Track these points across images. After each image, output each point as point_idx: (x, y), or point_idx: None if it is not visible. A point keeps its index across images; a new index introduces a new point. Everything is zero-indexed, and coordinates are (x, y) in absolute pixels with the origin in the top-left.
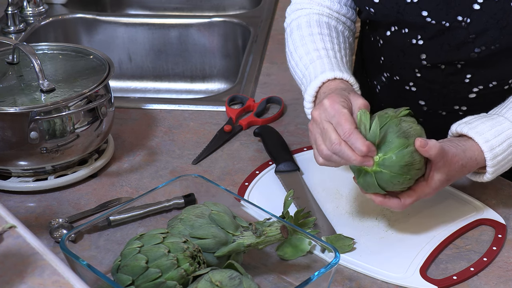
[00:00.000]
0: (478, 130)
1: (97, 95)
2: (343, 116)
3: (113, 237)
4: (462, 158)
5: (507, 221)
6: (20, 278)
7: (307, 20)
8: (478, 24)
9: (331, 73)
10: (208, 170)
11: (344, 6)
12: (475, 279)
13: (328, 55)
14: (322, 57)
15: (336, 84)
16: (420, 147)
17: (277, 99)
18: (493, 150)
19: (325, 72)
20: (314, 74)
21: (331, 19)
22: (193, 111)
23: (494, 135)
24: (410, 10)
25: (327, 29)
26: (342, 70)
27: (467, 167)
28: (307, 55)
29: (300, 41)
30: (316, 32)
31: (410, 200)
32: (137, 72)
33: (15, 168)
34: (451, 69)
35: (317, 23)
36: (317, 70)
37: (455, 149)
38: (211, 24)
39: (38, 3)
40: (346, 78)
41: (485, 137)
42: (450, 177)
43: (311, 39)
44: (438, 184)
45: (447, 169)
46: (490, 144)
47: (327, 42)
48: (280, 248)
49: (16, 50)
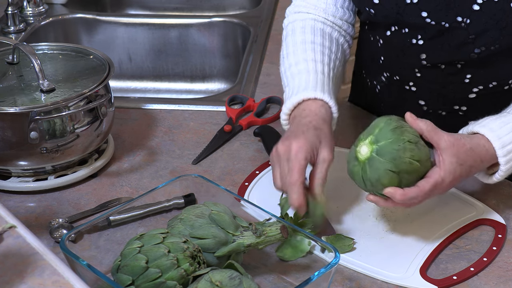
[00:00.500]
0: (483, 124)
1: (97, 95)
2: (298, 166)
3: (113, 237)
4: (468, 142)
5: (507, 221)
6: (20, 278)
7: (302, 25)
8: (477, 25)
9: (312, 93)
10: (208, 170)
11: (340, 8)
12: (475, 279)
13: (315, 69)
14: (310, 71)
15: (317, 109)
16: (410, 118)
17: (277, 99)
18: (501, 139)
19: (307, 90)
20: (297, 89)
21: (326, 26)
22: (193, 111)
23: (500, 126)
24: (410, 11)
25: (321, 36)
26: (324, 90)
27: (476, 151)
28: (296, 65)
29: (292, 47)
30: (309, 40)
31: (428, 185)
32: (137, 72)
33: (15, 168)
34: (451, 69)
35: (311, 29)
36: (301, 85)
37: (458, 135)
38: (211, 24)
39: (38, 3)
40: (326, 100)
41: (490, 127)
42: (461, 160)
43: (303, 48)
44: (451, 167)
45: (455, 150)
46: (497, 134)
47: (318, 53)
48: (279, 249)
49: (16, 50)
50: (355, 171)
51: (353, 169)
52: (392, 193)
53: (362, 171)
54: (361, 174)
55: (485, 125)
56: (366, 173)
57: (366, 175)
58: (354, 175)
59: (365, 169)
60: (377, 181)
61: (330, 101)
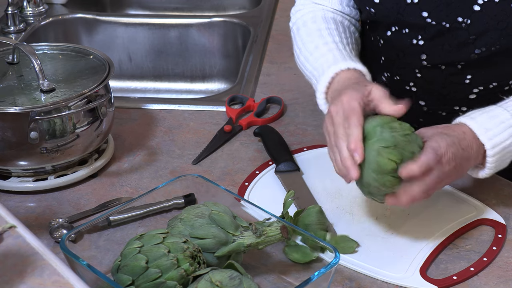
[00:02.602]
0: (471, 116)
1: (97, 95)
2: (353, 111)
3: (113, 237)
4: (453, 131)
5: (507, 221)
6: (20, 278)
7: (312, 16)
8: (478, 26)
9: (344, 64)
10: (208, 170)
11: (346, 7)
12: (475, 279)
13: (338, 47)
14: (333, 49)
15: (350, 75)
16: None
17: (277, 99)
18: (488, 132)
19: (338, 62)
20: (327, 65)
21: (337, 15)
22: (193, 111)
23: (487, 119)
24: (410, 11)
25: (334, 23)
26: (354, 61)
27: (461, 139)
28: (317, 49)
29: (308, 37)
30: (323, 27)
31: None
32: (137, 72)
33: (15, 168)
34: (451, 70)
35: (323, 19)
36: (330, 61)
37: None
38: (211, 24)
39: (38, 3)
40: (359, 68)
41: (477, 120)
42: (449, 143)
43: (319, 34)
44: (440, 145)
45: (441, 135)
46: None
47: (335, 36)
48: (289, 253)
49: (16, 50)
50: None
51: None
52: (395, 202)
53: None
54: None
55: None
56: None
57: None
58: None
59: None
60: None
61: (363, 68)
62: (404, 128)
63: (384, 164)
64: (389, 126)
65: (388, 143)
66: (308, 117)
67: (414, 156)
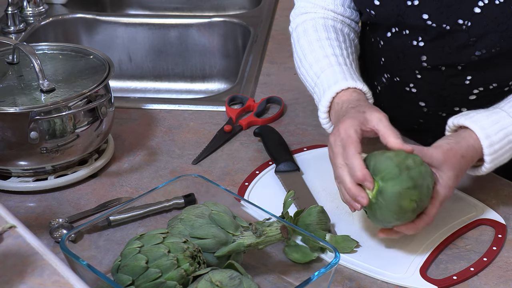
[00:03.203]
0: (474, 119)
1: (97, 95)
2: (350, 140)
3: (113, 237)
4: (459, 149)
5: (507, 221)
6: (20, 278)
7: (313, 24)
8: (478, 28)
9: (344, 83)
10: (208, 170)
11: (347, 8)
12: (475, 279)
13: (338, 62)
14: (333, 64)
15: (349, 94)
16: (395, 144)
17: (277, 99)
18: (490, 138)
19: (338, 82)
20: (327, 84)
21: (337, 22)
22: (193, 111)
23: (490, 124)
24: (411, 13)
25: (334, 33)
26: (354, 79)
27: (467, 156)
28: (317, 63)
29: (309, 47)
30: (323, 37)
31: (435, 209)
32: (137, 72)
33: (15, 168)
34: (452, 71)
35: (323, 27)
36: (330, 80)
37: (448, 144)
38: (211, 24)
39: (38, 3)
40: (360, 87)
41: (481, 125)
42: (457, 170)
43: (320, 45)
44: (450, 182)
45: (449, 163)
46: (486, 132)
47: (336, 48)
48: (289, 253)
49: (16, 50)
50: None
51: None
52: (404, 230)
53: (376, 204)
54: (368, 210)
55: (476, 121)
56: (375, 213)
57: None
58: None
59: (373, 210)
60: (389, 222)
61: (363, 87)
62: (417, 163)
63: (406, 205)
64: (406, 166)
65: (409, 184)
66: (308, 117)
67: (430, 190)
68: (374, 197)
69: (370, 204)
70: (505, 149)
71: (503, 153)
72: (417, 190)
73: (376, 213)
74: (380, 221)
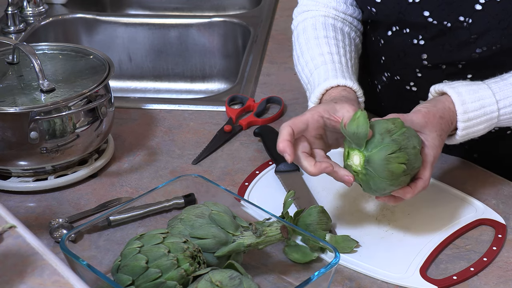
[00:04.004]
0: (453, 85)
1: (97, 95)
2: (299, 118)
3: (113, 237)
4: (436, 111)
5: (507, 221)
6: (20, 278)
7: (313, 23)
8: (479, 25)
9: (334, 80)
10: (208, 170)
11: (350, 6)
12: (475, 279)
13: (332, 60)
14: (327, 62)
15: (338, 91)
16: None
17: (277, 99)
18: (465, 105)
19: (328, 79)
20: (318, 81)
21: (337, 21)
22: (193, 111)
23: (468, 93)
24: (412, 10)
25: (333, 31)
26: (345, 77)
27: (445, 117)
28: (312, 61)
29: (306, 45)
30: (321, 36)
31: (428, 171)
32: (137, 72)
33: (15, 168)
34: (452, 69)
35: (323, 25)
36: (321, 77)
37: (425, 108)
38: (211, 24)
39: (38, 3)
40: (349, 85)
41: (458, 91)
42: (439, 131)
43: (317, 43)
44: (435, 142)
45: (430, 124)
46: (462, 99)
47: (332, 46)
48: (289, 253)
49: (16, 50)
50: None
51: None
52: (402, 194)
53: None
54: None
55: (454, 87)
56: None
57: (375, 179)
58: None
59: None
60: (384, 189)
61: (353, 85)
62: (398, 126)
63: (395, 169)
64: (387, 130)
65: (393, 148)
66: None
67: (417, 150)
68: (363, 168)
69: (361, 176)
70: (479, 119)
71: (477, 124)
72: (403, 151)
73: (370, 184)
74: (376, 190)
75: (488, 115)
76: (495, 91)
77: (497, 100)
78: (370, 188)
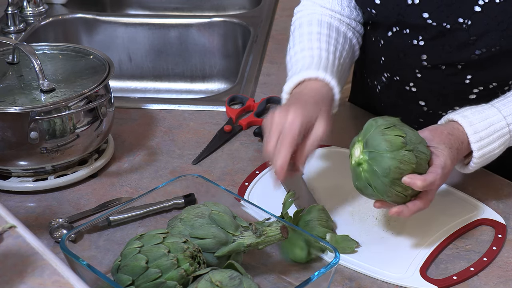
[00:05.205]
0: (458, 112)
1: (97, 95)
2: (290, 136)
3: (113, 237)
4: (444, 128)
5: (507, 221)
6: (20, 278)
7: (309, 19)
8: (479, 26)
9: (314, 72)
10: (208, 170)
11: (347, 8)
12: (475, 279)
13: (320, 55)
14: (314, 56)
15: (316, 86)
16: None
17: (277, 99)
18: (474, 126)
19: (310, 69)
20: (300, 69)
21: (334, 20)
22: (193, 111)
23: (474, 114)
24: (411, 11)
25: (327, 29)
26: (326, 71)
27: (455, 134)
28: (301, 52)
29: (299, 38)
30: (315, 31)
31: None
32: (137, 72)
33: (15, 168)
34: (452, 70)
35: (318, 22)
36: (304, 65)
37: (432, 126)
38: (211, 24)
39: (38, 3)
40: (327, 80)
41: (464, 114)
42: (448, 143)
43: (308, 38)
44: (445, 152)
45: (438, 138)
46: (469, 120)
47: (323, 43)
48: (290, 253)
49: (16, 50)
50: (361, 178)
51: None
52: (411, 181)
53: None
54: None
55: (459, 112)
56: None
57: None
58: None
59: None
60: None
61: (331, 81)
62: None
63: (393, 139)
64: (376, 124)
65: (388, 124)
66: None
67: (414, 132)
68: (364, 154)
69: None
70: (491, 137)
71: (490, 142)
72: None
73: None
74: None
75: (499, 131)
76: (500, 108)
77: (504, 116)
78: (377, 178)
